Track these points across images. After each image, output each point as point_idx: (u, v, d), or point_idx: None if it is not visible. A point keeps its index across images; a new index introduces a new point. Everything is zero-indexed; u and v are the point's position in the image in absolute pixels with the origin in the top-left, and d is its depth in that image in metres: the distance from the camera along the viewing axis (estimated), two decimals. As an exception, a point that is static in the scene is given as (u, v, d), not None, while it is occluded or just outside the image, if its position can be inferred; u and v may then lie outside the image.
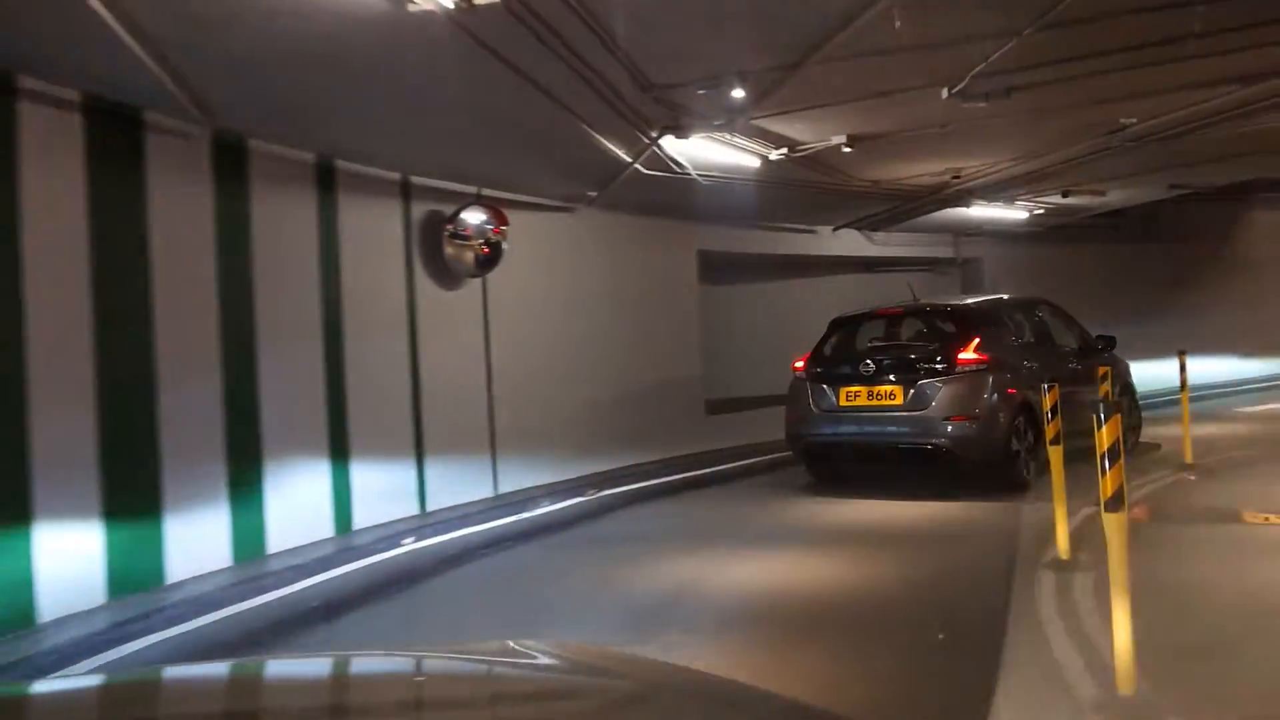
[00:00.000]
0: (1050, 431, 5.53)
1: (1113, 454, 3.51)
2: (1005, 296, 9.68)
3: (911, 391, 7.98)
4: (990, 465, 7.88)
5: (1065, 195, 11.33)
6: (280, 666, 1.87)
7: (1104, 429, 3.53)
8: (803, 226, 13.34)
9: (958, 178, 10.09)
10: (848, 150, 8.27)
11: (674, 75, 6.31)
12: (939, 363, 8.03)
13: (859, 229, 13.79)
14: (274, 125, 6.83)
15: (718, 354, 13.88)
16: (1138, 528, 6.45)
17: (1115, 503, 3.50)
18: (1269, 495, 7.35)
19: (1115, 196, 12.10)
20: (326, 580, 6.28)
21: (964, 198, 11.66)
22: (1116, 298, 15.94)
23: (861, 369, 8.32)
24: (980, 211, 12.47)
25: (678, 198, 10.44)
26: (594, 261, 10.74)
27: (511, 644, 1.66)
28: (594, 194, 9.80)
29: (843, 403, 8.35)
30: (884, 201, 11.71)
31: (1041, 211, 12.67)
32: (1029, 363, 8.51)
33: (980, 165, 9.73)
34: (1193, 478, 8.43)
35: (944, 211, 12.59)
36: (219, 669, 2.00)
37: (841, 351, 8.81)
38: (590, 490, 9.40)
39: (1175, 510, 7.22)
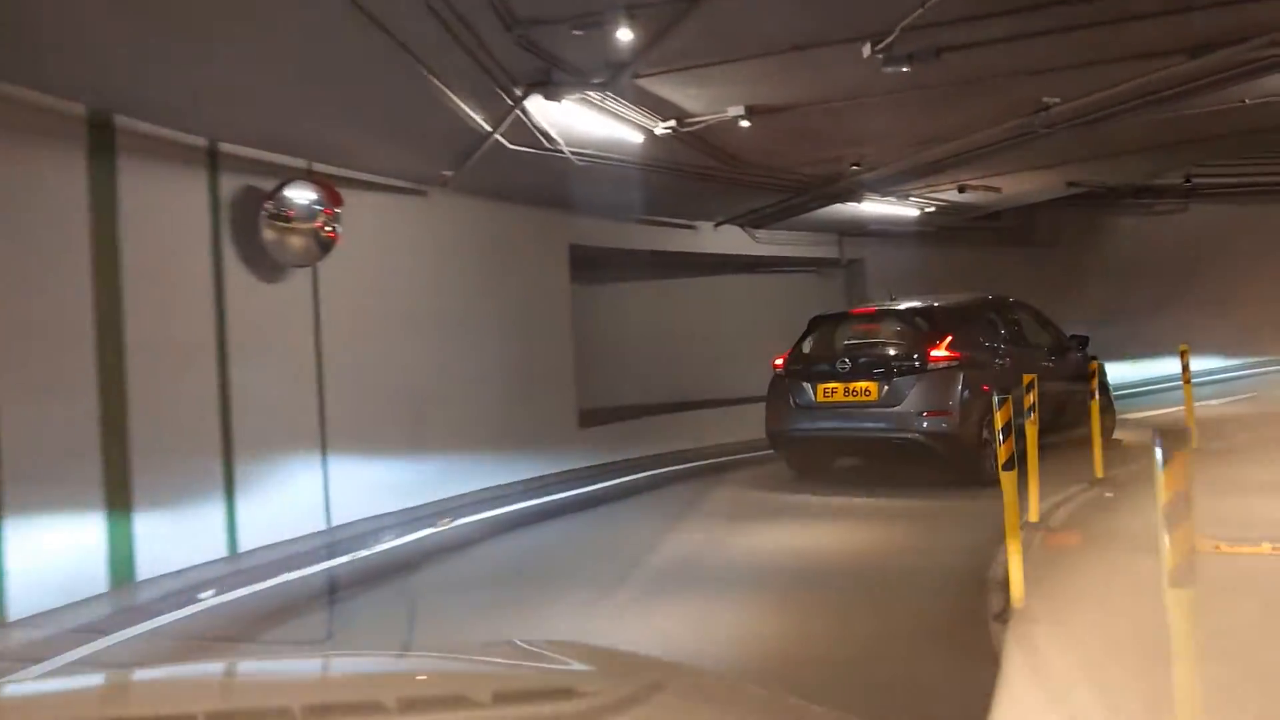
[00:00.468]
0: (1000, 420, 4.93)
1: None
2: (979, 296, 9.80)
3: (886, 388, 8.18)
4: (962, 459, 8.01)
5: (961, 190, 10.64)
6: (285, 665, 1.90)
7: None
8: (683, 221, 12.26)
9: (857, 165, 9.18)
10: (745, 124, 7.18)
11: (545, 8, 5.05)
12: (912, 360, 8.22)
13: (742, 225, 12.83)
14: (23, 64, 5.20)
15: (594, 361, 12.68)
16: (1058, 558, 5.60)
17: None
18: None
19: (1010, 193, 11.50)
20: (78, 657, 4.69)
21: (857, 191, 10.81)
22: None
23: (838, 366, 8.54)
24: (872, 208, 11.68)
25: (548, 182, 9.15)
26: (450, 254, 9.34)
27: (517, 643, 1.70)
28: (450, 173, 8.41)
29: (820, 399, 8.58)
30: (774, 194, 10.75)
31: (933, 209, 12.00)
32: (1000, 360, 8.73)
33: (884, 152, 8.83)
34: (1109, 494, 7.69)
35: (833, 208, 11.76)
36: (225, 666, 2.08)
37: (819, 349, 9.05)
38: (444, 519, 8.00)
39: (1099, 533, 6.35)
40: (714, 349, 13.96)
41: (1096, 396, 7.94)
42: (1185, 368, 9.33)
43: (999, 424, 4.87)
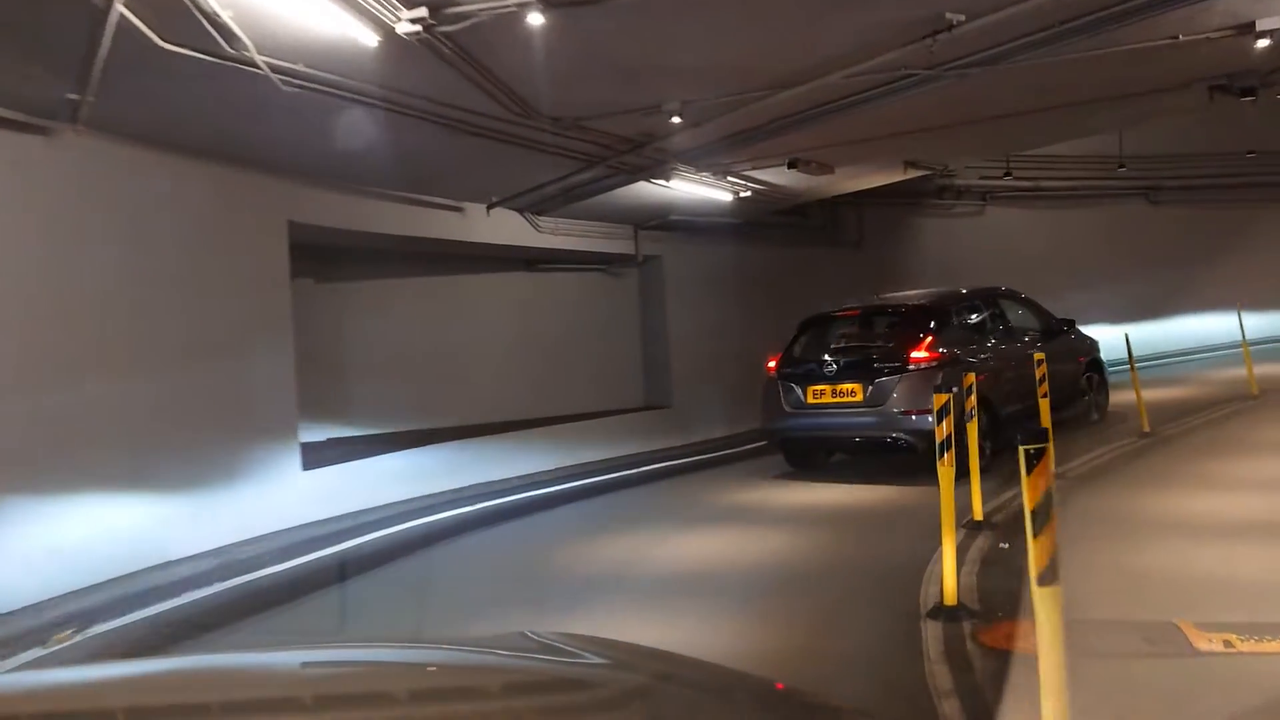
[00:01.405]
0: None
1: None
2: (961, 290, 9.91)
3: (870, 388, 8.43)
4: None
5: (792, 166, 8.72)
6: (296, 655, 1.83)
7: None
8: (448, 201, 9.65)
9: (678, 119, 6.96)
10: (537, 21, 4.75)
11: None
12: (893, 361, 8.44)
13: (521, 210, 10.39)
14: None
15: (334, 379, 9.85)
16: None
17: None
18: (1185, 568, 4.89)
19: (842, 174, 9.73)
20: None
21: (667, 163, 8.66)
22: (813, 304, 14.01)
23: (825, 369, 8.75)
24: (681, 190, 9.58)
25: (244, 124, 6.34)
26: (92, 225, 6.28)
27: (526, 634, 1.66)
28: (76, 96, 5.43)
29: (810, 400, 8.80)
30: (566, 163, 8.38)
31: (748, 194, 10.07)
32: (984, 354, 8.95)
33: (713, 93, 6.64)
34: (1004, 545, 5.90)
35: (633, 190, 9.58)
36: (237, 656, 2.06)
37: (808, 351, 9.22)
38: (62, 635, 5.01)
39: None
40: (492, 362, 11.42)
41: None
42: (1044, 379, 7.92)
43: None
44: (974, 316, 9.34)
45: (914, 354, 8.38)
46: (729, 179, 9.58)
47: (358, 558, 6.65)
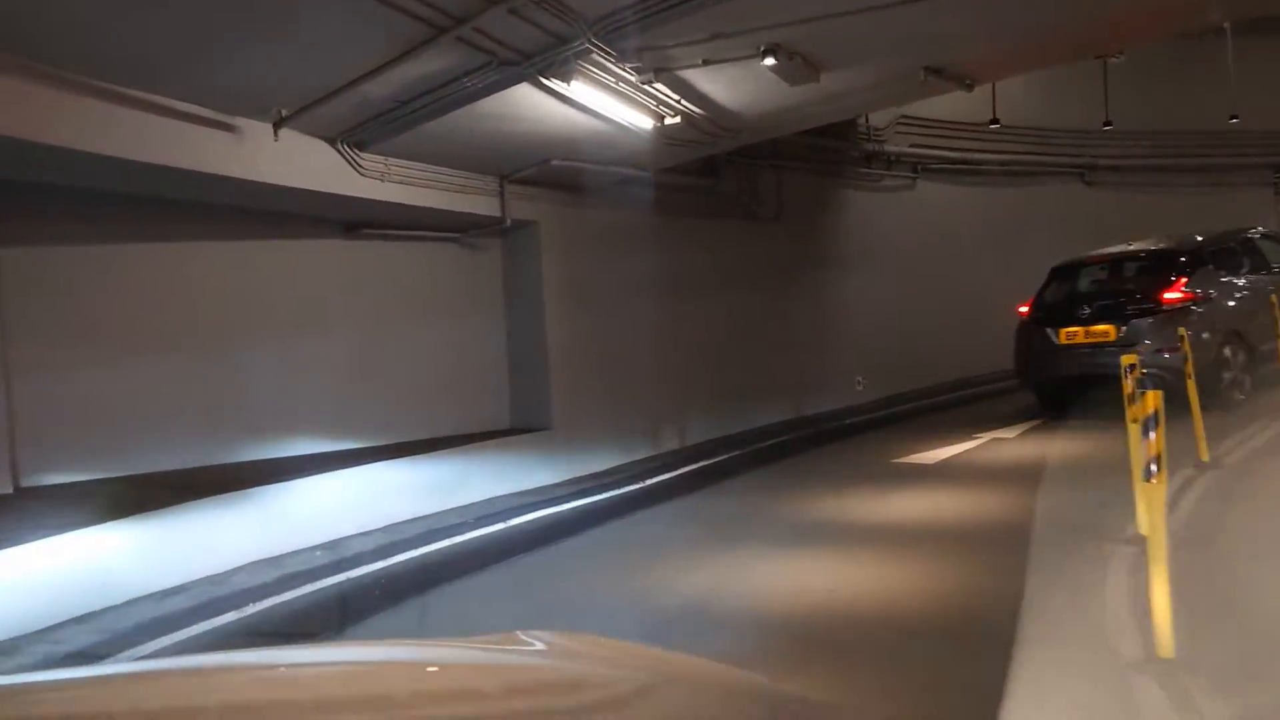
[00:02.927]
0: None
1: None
2: (1218, 231, 9.98)
3: (1124, 329, 8.92)
4: (1200, 390, 7.34)
5: (769, 55, 5.50)
6: (295, 655, 1.83)
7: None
8: (205, 111, 5.97)
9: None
10: None
11: None
12: (1147, 302, 8.95)
13: (334, 138, 6.82)
14: None
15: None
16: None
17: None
18: None
19: (836, 79, 6.48)
20: None
21: (570, 47, 5.32)
22: (734, 296, 10.97)
23: (1078, 311, 9.34)
24: (582, 100, 6.24)
25: None
26: None
27: (521, 634, 1.64)
28: None
29: (1062, 341, 9.39)
30: (394, 27, 4.92)
31: (677, 120, 6.81)
32: (1239, 293, 9.31)
33: None
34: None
35: (501, 113, 6.22)
36: (234, 658, 2.03)
37: (1059, 296, 9.81)
38: None
39: None
40: (283, 371, 7.77)
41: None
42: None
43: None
44: (1228, 258, 9.58)
45: (1166, 295, 8.82)
46: (656, 90, 6.28)
47: None
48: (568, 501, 7.61)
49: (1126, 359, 5.44)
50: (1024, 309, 10.01)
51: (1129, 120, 14.97)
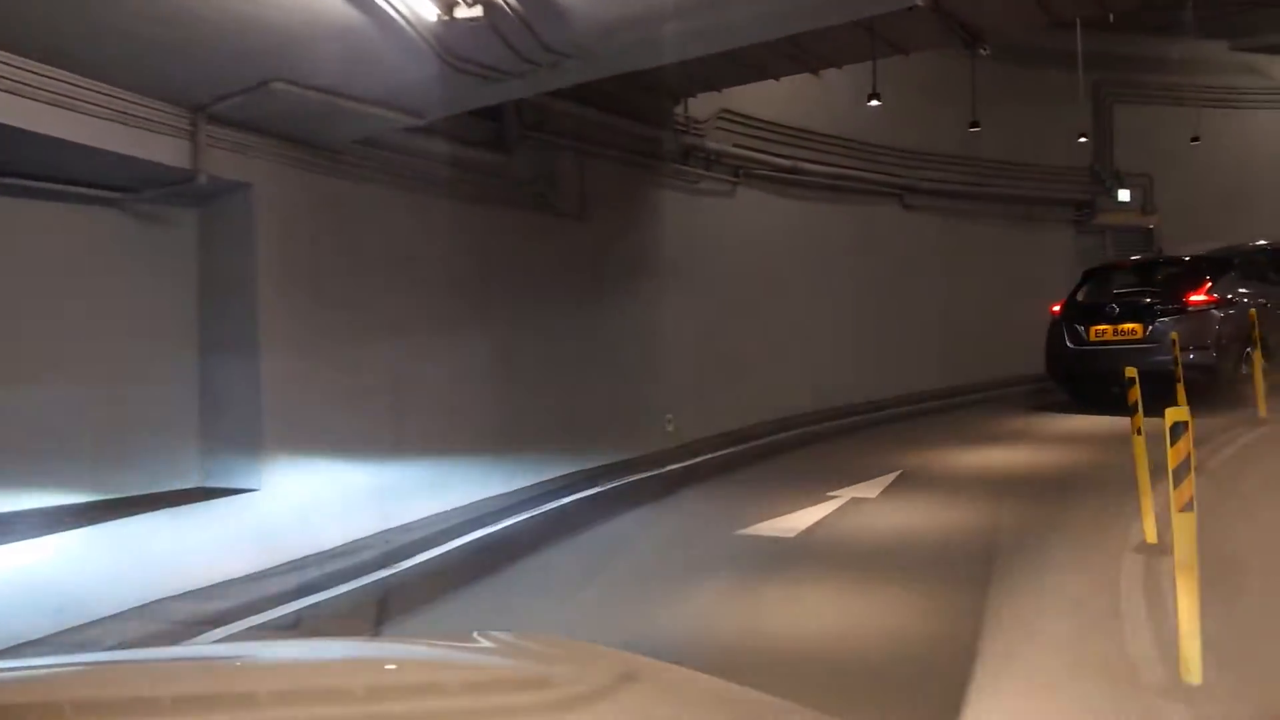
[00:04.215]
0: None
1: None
2: (1244, 242, 11.08)
3: (1151, 327, 9.57)
4: (1220, 387, 9.15)
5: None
6: (253, 650, 1.87)
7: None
8: None
9: None
10: None
11: None
12: (1173, 303, 9.71)
13: None
14: None
15: None
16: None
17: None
18: None
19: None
20: None
21: None
22: (519, 295, 8.49)
23: (1107, 311, 10.03)
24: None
25: None
26: None
27: (487, 633, 1.62)
28: None
29: (1092, 339, 10.06)
30: None
31: (477, 13, 4.27)
32: (1262, 299, 9.90)
33: None
34: None
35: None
36: (194, 651, 2.10)
37: (1091, 297, 10.55)
38: None
39: None
40: None
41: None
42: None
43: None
44: (1251, 267, 10.32)
45: (1193, 297, 9.69)
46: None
47: None
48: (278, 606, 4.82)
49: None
50: (1056, 309, 10.69)
51: (948, 144, 13.96)
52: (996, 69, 14.39)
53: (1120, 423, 9.98)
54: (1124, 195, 15.49)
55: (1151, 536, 5.43)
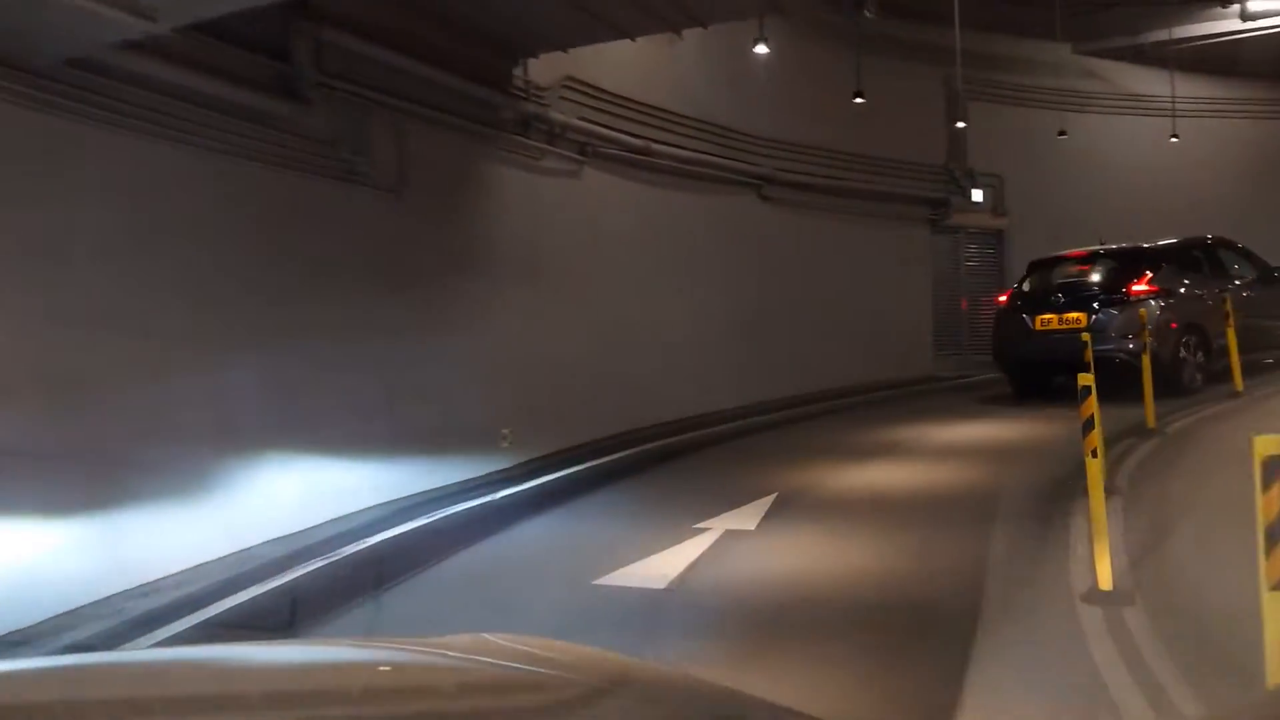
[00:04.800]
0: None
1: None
2: (1183, 237, 11.06)
3: (1094, 317, 9.86)
4: (1161, 375, 8.68)
5: None
6: (247, 651, 1.81)
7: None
8: None
9: None
10: None
11: None
12: (1116, 293, 10.04)
13: None
14: None
15: None
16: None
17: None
18: None
19: None
20: None
21: None
22: (318, 288, 6.81)
23: (1052, 300, 10.36)
24: None
25: None
26: None
27: (482, 636, 1.61)
28: None
29: (1038, 327, 10.31)
30: None
31: None
32: (1199, 291, 10.33)
33: None
34: None
35: None
36: (187, 652, 2.09)
37: (1036, 287, 10.84)
38: None
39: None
40: None
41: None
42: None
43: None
44: (1190, 260, 10.79)
45: (1134, 287, 10.02)
46: None
47: None
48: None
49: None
50: (1003, 298, 11.13)
51: (807, 134, 13.05)
52: (853, 59, 13.64)
53: (1000, 434, 9.31)
54: (977, 195, 15.06)
55: (1106, 583, 4.37)
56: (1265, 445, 2.45)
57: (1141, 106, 16.21)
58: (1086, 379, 4.65)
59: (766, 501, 6.94)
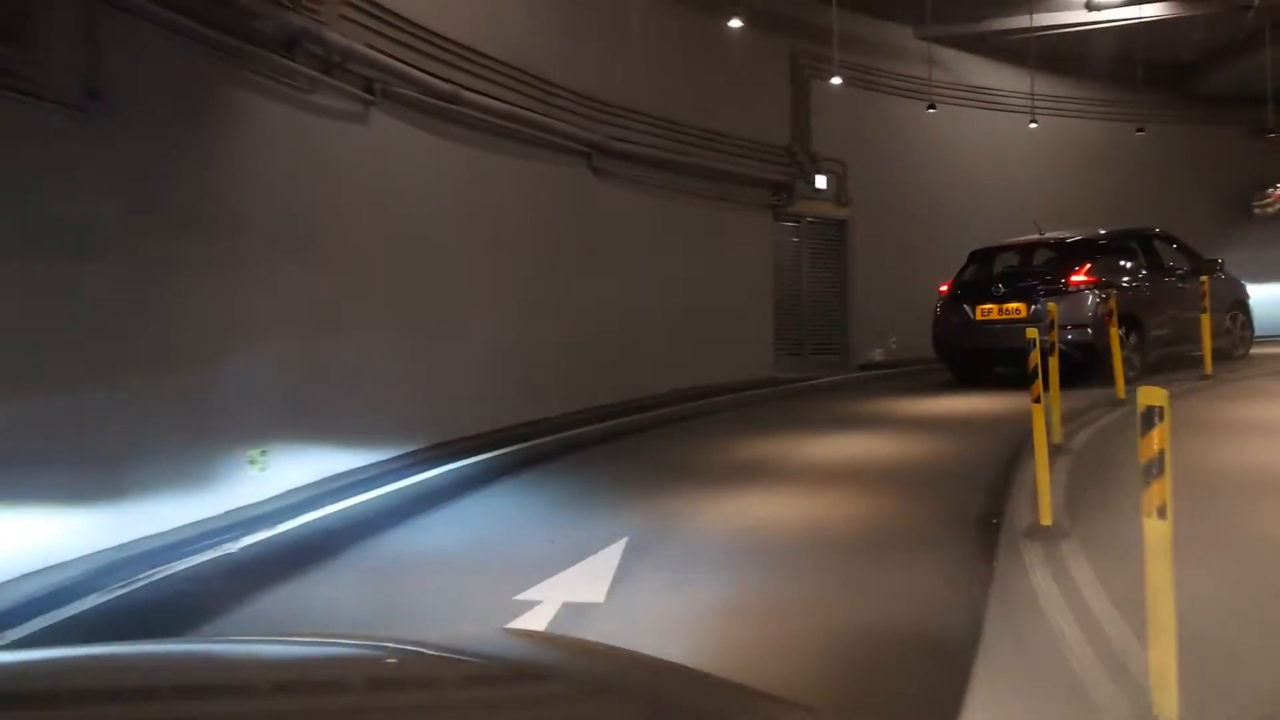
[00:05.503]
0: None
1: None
2: (1118, 229, 11.15)
3: (1033, 306, 9.85)
4: (1097, 364, 9.18)
5: None
6: (252, 646, 1.78)
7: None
8: None
9: None
10: None
11: None
12: (1055, 283, 10.08)
13: None
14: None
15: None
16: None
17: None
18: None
19: None
20: None
21: None
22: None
23: (993, 290, 10.43)
24: None
25: None
26: None
27: (483, 630, 1.64)
28: None
29: (978, 317, 10.41)
30: None
31: None
32: (1135, 282, 10.57)
33: None
34: None
35: None
36: (194, 644, 2.06)
37: (976, 276, 10.91)
38: None
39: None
40: None
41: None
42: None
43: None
44: (1128, 251, 10.90)
45: (1073, 278, 10.06)
46: None
47: None
48: None
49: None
50: (944, 288, 10.99)
51: (642, 100, 11.34)
52: (690, 19, 12.07)
53: (884, 450, 7.81)
54: (821, 182, 13.83)
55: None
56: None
57: (990, 100, 15.58)
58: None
59: (615, 551, 5.10)
